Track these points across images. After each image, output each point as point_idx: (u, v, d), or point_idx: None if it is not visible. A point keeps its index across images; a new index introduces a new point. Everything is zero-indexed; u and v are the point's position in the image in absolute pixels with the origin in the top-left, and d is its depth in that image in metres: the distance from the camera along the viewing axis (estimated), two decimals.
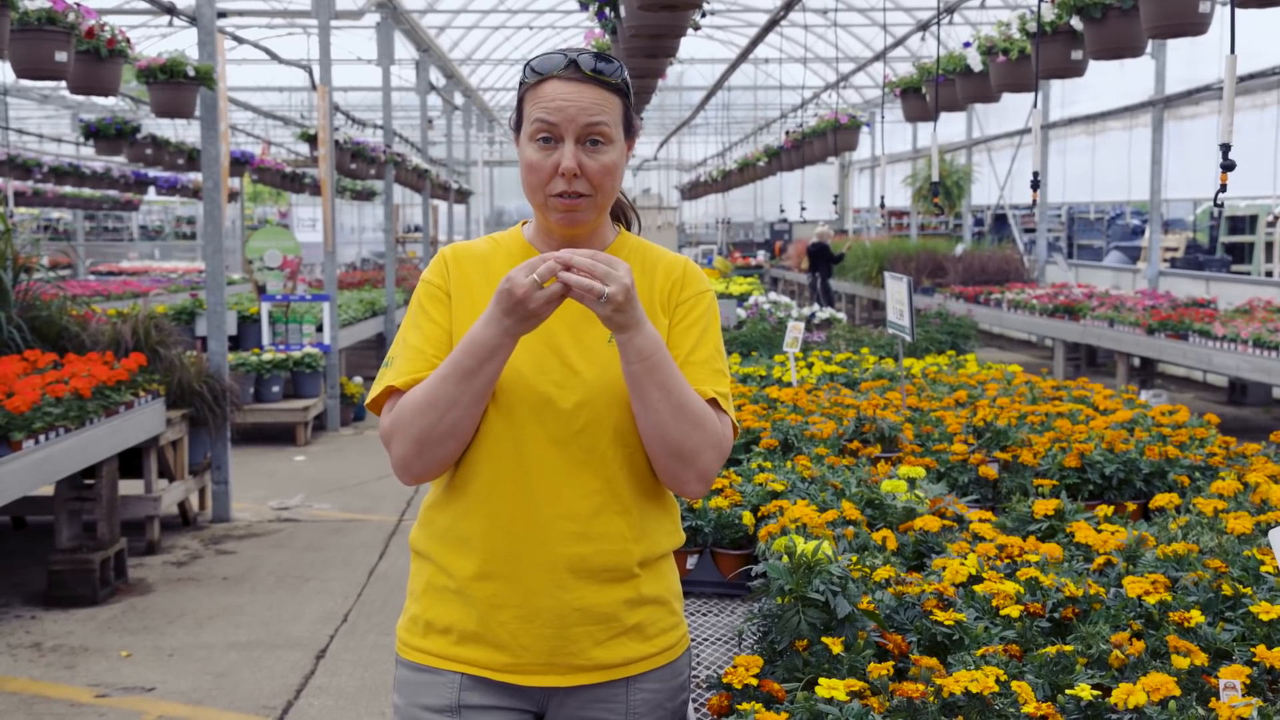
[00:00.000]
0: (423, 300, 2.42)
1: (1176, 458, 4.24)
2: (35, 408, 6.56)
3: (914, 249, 21.24)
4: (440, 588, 2.36)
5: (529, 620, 2.30)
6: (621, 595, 2.33)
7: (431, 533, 2.39)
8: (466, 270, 2.42)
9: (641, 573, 2.36)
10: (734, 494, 3.81)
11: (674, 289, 2.44)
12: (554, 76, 2.30)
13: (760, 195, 39.37)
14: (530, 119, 2.31)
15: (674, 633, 2.43)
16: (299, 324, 12.84)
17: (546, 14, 23.77)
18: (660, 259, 2.48)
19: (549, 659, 2.31)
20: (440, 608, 2.36)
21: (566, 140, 2.28)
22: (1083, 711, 2.24)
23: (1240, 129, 14.70)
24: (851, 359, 7.80)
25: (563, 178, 2.28)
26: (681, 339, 2.41)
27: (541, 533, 2.29)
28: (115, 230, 43.08)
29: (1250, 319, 11.56)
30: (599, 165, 2.31)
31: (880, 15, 20.13)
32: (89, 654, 6.33)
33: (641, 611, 2.36)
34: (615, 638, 2.33)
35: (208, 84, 9.24)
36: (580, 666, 2.32)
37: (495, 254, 2.45)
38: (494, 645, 2.32)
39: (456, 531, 2.35)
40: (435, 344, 2.35)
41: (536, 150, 2.30)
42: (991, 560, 3.05)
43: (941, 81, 9.88)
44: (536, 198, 2.34)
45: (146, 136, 15.65)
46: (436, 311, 2.39)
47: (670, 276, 2.45)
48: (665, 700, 2.41)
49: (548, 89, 2.30)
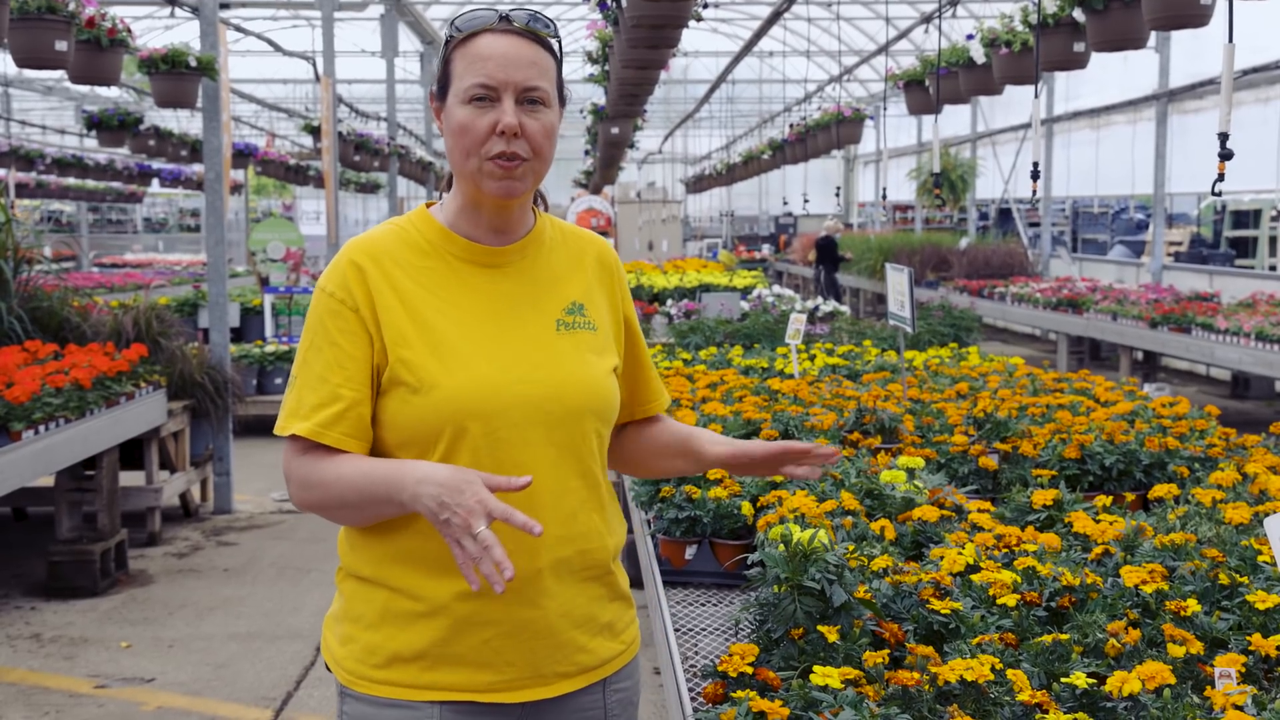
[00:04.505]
0: (323, 317, 2.16)
1: (1176, 449, 4.23)
2: (35, 398, 6.56)
3: (918, 242, 21.23)
4: (404, 613, 2.14)
5: (513, 635, 2.14)
6: (596, 592, 2.23)
7: (382, 554, 2.17)
8: (385, 273, 2.17)
9: (614, 568, 2.29)
10: (733, 484, 3.80)
11: (605, 271, 2.36)
12: (486, 30, 2.13)
13: (765, 189, 39.38)
14: (461, 77, 2.13)
15: (634, 627, 2.35)
16: (302, 316, 12.84)
17: (552, 6, 23.75)
18: (582, 236, 2.38)
19: (535, 671, 2.16)
20: (406, 635, 2.14)
21: (505, 98, 2.11)
22: (1078, 700, 2.23)
23: (1244, 123, 14.68)
24: (854, 351, 7.79)
25: (501, 137, 2.10)
26: (638, 343, 2.41)
27: (524, 540, 2.07)
28: (119, 222, 43.08)
29: (1253, 312, 11.55)
30: (540, 126, 2.14)
31: (883, 8, 20.09)
32: (89, 645, 6.33)
33: (612, 608, 2.27)
34: (594, 637, 2.23)
35: (210, 75, 9.23)
36: (564, 674, 2.19)
37: (412, 246, 2.22)
38: (475, 665, 2.14)
39: (424, 551, 2.12)
40: (342, 371, 2.12)
41: (470, 111, 2.11)
42: (989, 550, 3.05)
43: (944, 74, 9.87)
44: (469, 164, 2.13)
45: (150, 128, 15.66)
46: (340, 332, 2.13)
47: (601, 257, 2.37)
48: (633, 696, 2.35)
49: (481, 45, 2.12)
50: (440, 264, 2.20)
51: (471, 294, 2.19)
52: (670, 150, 41.23)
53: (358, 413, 2.12)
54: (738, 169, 25.40)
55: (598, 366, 2.24)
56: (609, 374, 2.27)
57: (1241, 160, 4.68)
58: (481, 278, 2.21)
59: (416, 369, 2.11)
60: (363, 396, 2.12)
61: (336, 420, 2.10)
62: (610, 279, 2.36)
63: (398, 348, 2.12)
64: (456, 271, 2.20)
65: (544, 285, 2.25)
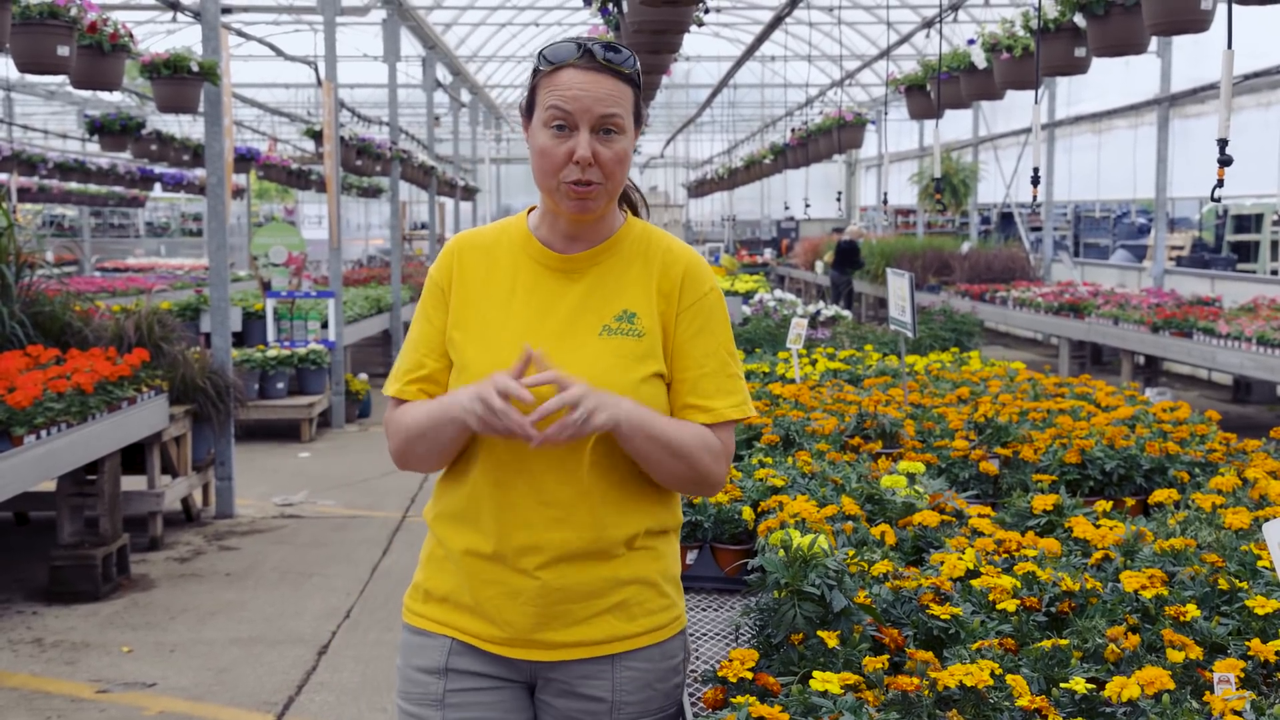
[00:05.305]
0: (425, 297, 2.52)
1: (1177, 454, 4.23)
2: (37, 403, 6.56)
3: (920, 247, 21.24)
4: (440, 558, 2.49)
5: (512, 597, 2.39)
6: (602, 574, 2.40)
7: (436, 507, 2.52)
8: (468, 262, 2.48)
9: (626, 553, 2.42)
10: (734, 489, 3.80)
11: (674, 291, 2.45)
12: (569, 65, 2.33)
13: (767, 193, 39.37)
14: (545, 106, 2.34)
15: (664, 614, 2.47)
16: (304, 320, 12.85)
17: (554, 10, 23.72)
18: (663, 252, 2.49)
19: (531, 635, 2.40)
20: (439, 577, 2.48)
21: (581, 129, 2.31)
22: (1077, 705, 2.23)
23: (1246, 128, 14.69)
24: (855, 356, 7.79)
25: (577, 165, 2.32)
26: (692, 346, 2.44)
27: (526, 517, 2.37)
28: (121, 227, 43.08)
29: (1254, 317, 11.54)
30: (612, 154, 2.34)
31: (885, 12, 20.09)
32: (90, 649, 6.34)
33: (625, 591, 2.42)
34: (597, 615, 2.40)
35: (212, 79, 9.25)
36: (562, 643, 2.40)
37: (500, 243, 2.50)
38: (483, 617, 2.42)
39: (453, 509, 2.46)
40: (428, 344, 2.46)
41: (550, 137, 2.33)
42: (990, 555, 3.05)
43: (945, 78, 9.87)
44: (548, 183, 2.36)
45: (152, 132, 15.67)
46: (434, 310, 2.47)
47: (670, 276, 2.46)
48: (655, 681, 2.46)
49: (563, 77, 2.33)
50: (516, 263, 2.47)
51: (533, 294, 2.44)
52: (672, 155, 41.25)
53: (437, 378, 2.46)
54: (739, 173, 25.40)
55: (633, 371, 2.40)
56: (644, 379, 2.41)
57: (1243, 165, 4.67)
58: (549, 280, 2.45)
59: (461, 349, 2.43)
60: (443, 365, 2.46)
61: (419, 381, 2.46)
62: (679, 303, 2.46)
63: (454, 329, 2.44)
64: (529, 271, 2.46)
65: (604, 292, 2.44)
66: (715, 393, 2.43)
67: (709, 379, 2.43)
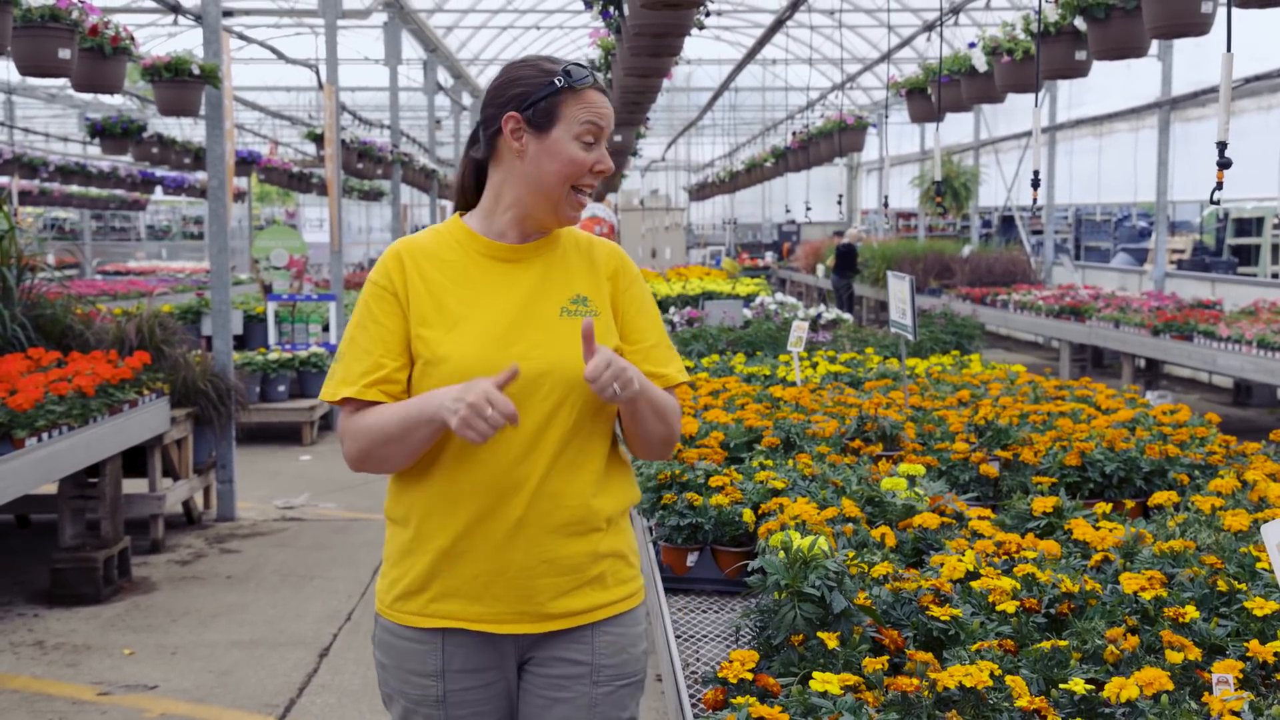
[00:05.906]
0: (370, 302, 2.58)
1: (1177, 456, 4.24)
2: (38, 405, 6.57)
3: (921, 250, 21.21)
4: (414, 549, 2.54)
5: (499, 574, 2.48)
6: (585, 548, 2.52)
7: (404, 498, 2.56)
8: (419, 264, 2.57)
9: (605, 528, 2.56)
10: (735, 492, 3.81)
11: (614, 275, 2.67)
12: (593, 87, 2.55)
13: (768, 196, 39.33)
14: (579, 120, 2.52)
15: (632, 584, 2.63)
16: (305, 323, 12.86)
17: (555, 14, 23.72)
18: (593, 244, 2.71)
19: (519, 608, 2.50)
20: (416, 568, 2.53)
21: (600, 143, 2.56)
22: (1076, 706, 2.24)
23: (1246, 131, 14.70)
24: (856, 359, 7.80)
25: (593, 174, 2.55)
26: (637, 321, 2.66)
27: (510, 494, 2.47)
28: (122, 230, 43.11)
29: (1255, 320, 11.54)
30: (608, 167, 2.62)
31: (886, 15, 20.09)
32: (91, 652, 6.34)
33: (603, 564, 2.56)
34: (579, 588, 2.53)
35: (213, 82, 9.26)
36: (549, 615, 2.51)
37: (442, 244, 2.62)
38: (468, 598, 2.50)
39: (429, 496, 2.52)
40: (383, 345, 2.52)
41: (581, 149, 2.52)
42: (990, 557, 3.06)
43: (946, 82, 9.88)
44: (559, 190, 2.53)
45: (153, 135, 15.69)
46: (383, 313, 2.54)
47: (608, 264, 2.68)
48: (628, 645, 2.60)
49: (592, 96, 2.54)
50: (466, 259, 2.58)
51: (489, 284, 2.56)
52: (673, 158, 41.23)
53: (395, 377, 2.51)
54: (740, 176, 25.41)
55: None
56: None
57: (1243, 168, 4.68)
58: (502, 270, 2.58)
59: (432, 344, 2.50)
60: (401, 364, 2.52)
61: (378, 382, 2.50)
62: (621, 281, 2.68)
63: (419, 326, 2.52)
64: (479, 265, 2.58)
65: (555, 279, 2.60)
66: (665, 361, 2.65)
67: (658, 349, 2.66)
